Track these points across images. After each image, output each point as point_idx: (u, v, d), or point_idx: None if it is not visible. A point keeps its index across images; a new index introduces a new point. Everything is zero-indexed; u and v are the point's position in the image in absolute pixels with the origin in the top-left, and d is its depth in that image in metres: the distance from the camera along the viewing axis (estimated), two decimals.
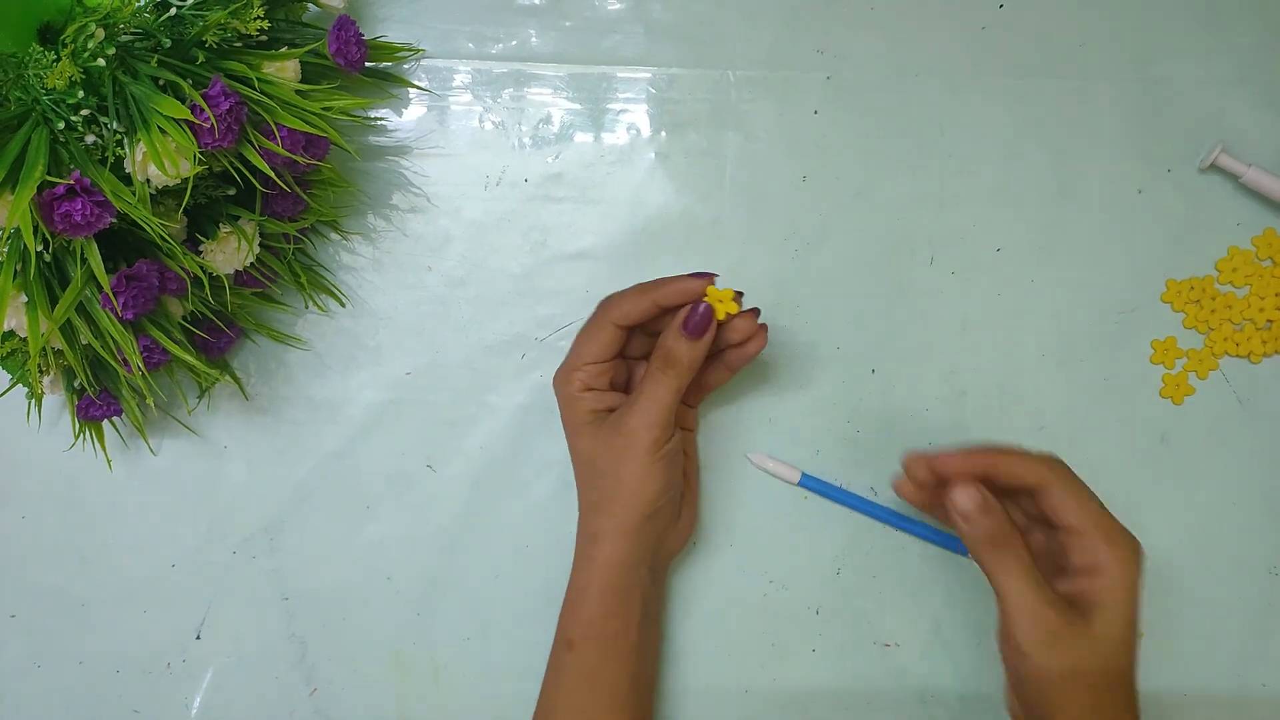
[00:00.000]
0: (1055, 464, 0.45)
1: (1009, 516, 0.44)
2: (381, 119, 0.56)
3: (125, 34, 0.42)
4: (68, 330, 0.45)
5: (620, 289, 0.48)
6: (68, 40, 0.41)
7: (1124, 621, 0.42)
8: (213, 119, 0.42)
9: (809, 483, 0.54)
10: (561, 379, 0.49)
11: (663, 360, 0.45)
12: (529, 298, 0.56)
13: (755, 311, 0.48)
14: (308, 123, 0.46)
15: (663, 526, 0.49)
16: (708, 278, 0.46)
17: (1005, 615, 0.43)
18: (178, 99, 0.42)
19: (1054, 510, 0.44)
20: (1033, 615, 0.42)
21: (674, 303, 0.46)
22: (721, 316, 0.46)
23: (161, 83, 0.42)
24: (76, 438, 0.52)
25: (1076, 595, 0.43)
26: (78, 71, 0.41)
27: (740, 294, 0.46)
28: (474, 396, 0.56)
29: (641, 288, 0.47)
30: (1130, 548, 0.43)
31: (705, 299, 0.45)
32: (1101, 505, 0.44)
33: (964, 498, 0.44)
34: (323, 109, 0.47)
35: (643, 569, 0.48)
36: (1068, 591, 0.43)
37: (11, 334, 0.45)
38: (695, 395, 0.52)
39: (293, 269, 0.53)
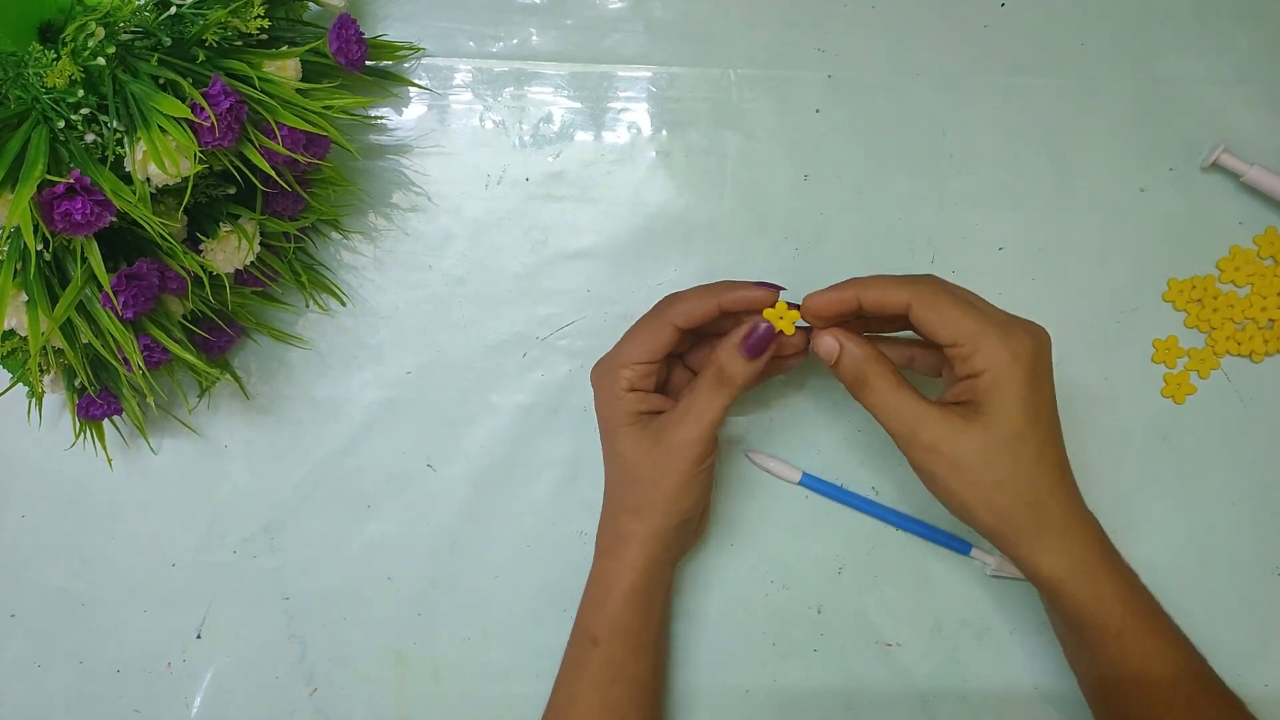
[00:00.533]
0: (918, 283, 0.43)
1: (871, 350, 0.43)
2: (382, 118, 0.56)
3: (125, 33, 0.42)
4: (68, 329, 0.45)
5: (674, 291, 0.48)
6: (68, 39, 0.41)
7: (1013, 412, 0.41)
8: (213, 118, 0.41)
9: (810, 482, 0.54)
10: (606, 375, 0.47)
11: (716, 377, 0.45)
12: (530, 297, 0.56)
13: (808, 329, 0.46)
14: (308, 121, 0.46)
15: (692, 526, 0.49)
16: (775, 289, 0.45)
17: (897, 442, 0.43)
18: (178, 98, 0.42)
19: (927, 332, 0.42)
20: (908, 431, 0.42)
21: (739, 309, 0.45)
22: (788, 332, 0.45)
23: (162, 81, 0.42)
24: (77, 437, 0.52)
25: (965, 403, 0.42)
26: (78, 70, 0.41)
27: (797, 307, 0.45)
28: (475, 396, 0.55)
29: (705, 290, 0.46)
30: (1008, 340, 0.41)
31: (765, 317, 0.44)
32: (975, 309, 0.42)
33: (822, 348, 0.44)
34: (323, 108, 0.47)
35: (668, 568, 0.49)
36: (956, 401, 0.43)
37: (12, 333, 0.45)
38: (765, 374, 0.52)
39: (293, 268, 0.53)
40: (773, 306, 0.45)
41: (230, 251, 0.47)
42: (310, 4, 0.51)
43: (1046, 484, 0.42)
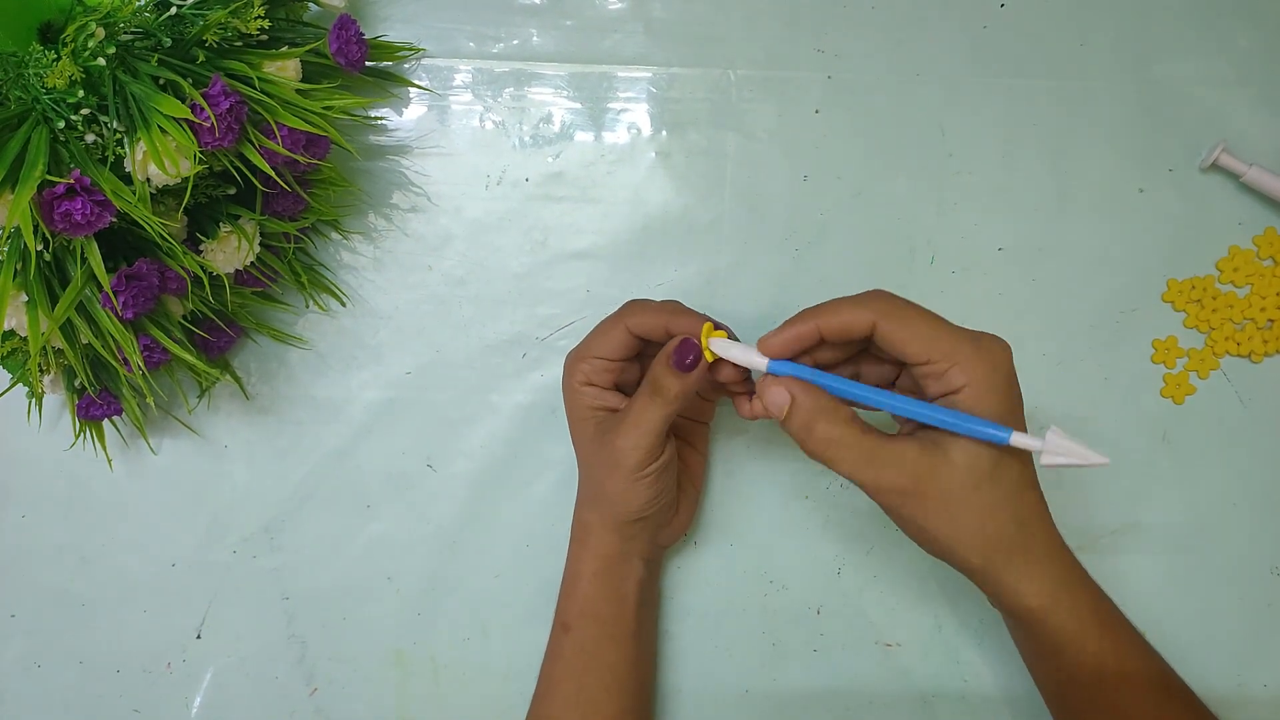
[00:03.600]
0: (878, 300, 0.41)
1: (825, 399, 0.40)
2: (382, 118, 0.56)
3: (125, 33, 0.42)
4: (68, 329, 0.45)
5: (642, 297, 0.48)
6: (68, 39, 0.41)
7: (983, 444, 0.39)
8: (213, 118, 0.41)
9: (780, 368, 0.43)
10: (570, 364, 0.48)
11: (651, 387, 0.45)
12: (529, 297, 0.56)
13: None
14: (308, 122, 0.46)
15: (654, 525, 0.49)
16: (722, 329, 0.44)
17: (869, 492, 0.41)
18: (178, 98, 0.42)
19: (894, 349, 0.40)
20: (884, 480, 0.40)
21: (683, 333, 0.45)
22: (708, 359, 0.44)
23: (162, 82, 0.42)
24: (77, 437, 0.52)
25: (936, 432, 0.40)
26: (78, 71, 0.41)
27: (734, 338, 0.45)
28: (475, 396, 0.56)
29: (663, 307, 0.46)
30: (982, 351, 0.39)
31: (702, 336, 0.44)
32: (939, 324, 0.40)
33: (771, 401, 0.41)
34: (323, 108, 0.47)
35: (634, 560, 0.49)
36: (927, 432, 0.40)
37: (12, 333, 0.45)
38: (715, 392, 0.51)
39: (293, 268, 0.53)
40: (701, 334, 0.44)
41: (230, 252, 0.47)
42: (310, 4, 0.51)
43: (1030, 503, 0.41)
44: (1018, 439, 0.38)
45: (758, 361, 0.43)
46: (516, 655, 0.54)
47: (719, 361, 0.44)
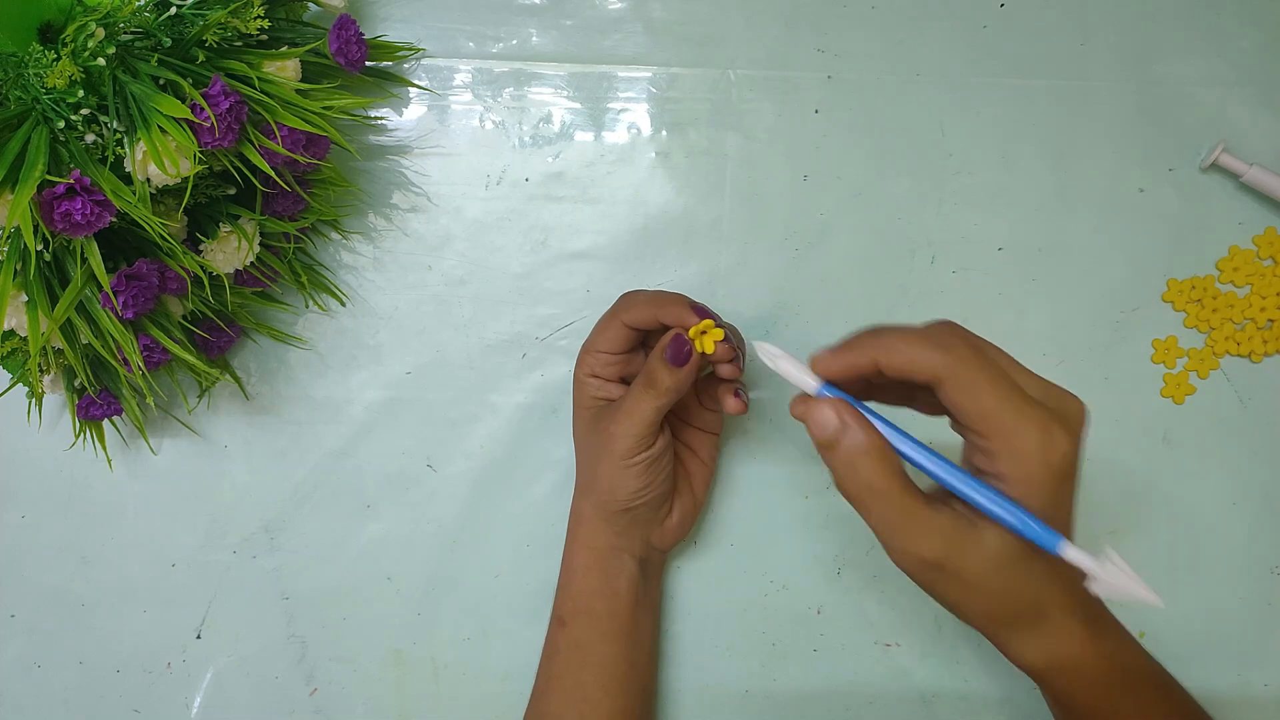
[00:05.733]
0: (951, 353, 0.36)
1: (877, 441, 0.37)
2: (382, 118, 0.56)
3: (125, 33, 0.42)
4: (68, 329, 0.45)
5: (636, 289, 0.49)
6: (68, 39, 0.41)
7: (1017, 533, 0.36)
8: (213, 118, 0.41)
9: (830, 395, 0.39)
10: (579, 356, 0.50)
11: (646, 379, 0.45)
12: (529, 297, 0.56)
13: (731, 347, 0.45)
14: (308, 122, 0.46)
15: (645, 521, 0.49)
16: (705, 314, 0.45)
17: (887, 550, 0.38)
18: (178, 98, 0.42)
19: (954, 411, 0.37)
20: (910, 547, 0.37)
21: (672, 323, 0.46)
22: (705, 350, 0.45)
23: (162, 82, 0.42)
24: (77, 437, 0.52)
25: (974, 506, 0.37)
26: (78, 71, 0.41)
27: (727, 340, 0.45)
28: (474, 396, 0.56)
29: (652, 298, 0.47)
30: (1044, 443, 0.35)
31: (689, 335, 0.45)
32: (1013, 394, 0.36)
33: (816, 422, 0.38)
34: (323, 108, 0.47)
35: (625, 556, 0.49)
36: (960, 502, 0.38)
37: (12, 333, 0.45)
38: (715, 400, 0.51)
39: (293, 268, 0.53)
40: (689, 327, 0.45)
41: (230, 252, 0.47)
42: (310, 4, 0.51)
43: (1052, 594, 0.38)
44: (1069, 553, 0.35)
45: (809, 383, 0.39)
46: (516, 655, 0.54)
47: (714, 353, 0.45)
